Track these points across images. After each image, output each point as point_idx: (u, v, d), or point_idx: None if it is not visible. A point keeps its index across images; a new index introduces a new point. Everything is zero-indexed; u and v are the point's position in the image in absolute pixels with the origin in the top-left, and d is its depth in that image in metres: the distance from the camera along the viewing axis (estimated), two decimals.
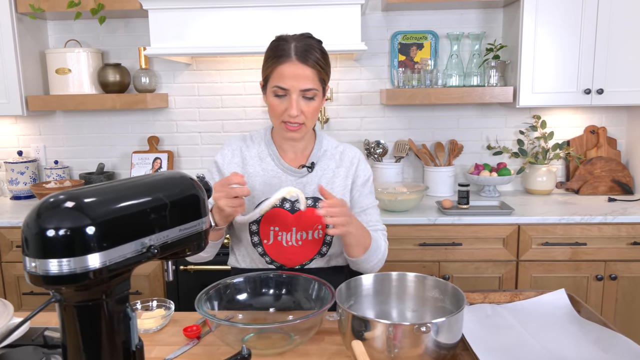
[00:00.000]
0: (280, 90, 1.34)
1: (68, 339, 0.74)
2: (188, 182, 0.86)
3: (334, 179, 1.50)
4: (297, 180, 1.47)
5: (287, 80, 1.32)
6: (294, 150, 1.49)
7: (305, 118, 1.36)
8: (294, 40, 1.36)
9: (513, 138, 2.89)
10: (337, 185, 1.50)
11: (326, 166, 1.50)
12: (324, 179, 1.49)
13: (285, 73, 1.32)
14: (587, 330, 1.14)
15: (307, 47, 1.35)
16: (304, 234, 1.45)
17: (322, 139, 1.54)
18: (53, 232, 0.68)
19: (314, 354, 1.15)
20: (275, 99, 1.36)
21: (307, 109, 1.35)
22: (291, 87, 1.33)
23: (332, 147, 1.54)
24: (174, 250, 0.82)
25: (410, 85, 2.64)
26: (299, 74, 1.32)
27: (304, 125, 1.38)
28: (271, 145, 1.49)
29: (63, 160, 2.99)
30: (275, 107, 1.36)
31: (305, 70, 1.32)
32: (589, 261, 2.36)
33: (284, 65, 1.32)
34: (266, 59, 1.39)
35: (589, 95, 2.51)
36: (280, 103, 1.35)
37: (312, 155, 1.49)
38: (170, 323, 1.32)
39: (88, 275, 0.70)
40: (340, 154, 1.53)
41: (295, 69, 1.32)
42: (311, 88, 1.34)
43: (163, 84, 2.90)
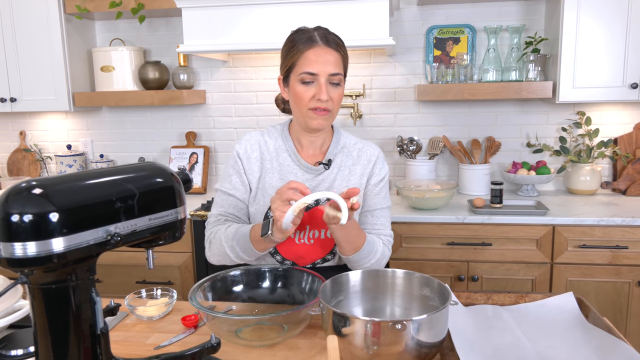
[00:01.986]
0: (308, 76, 1.32)
1: (37, 322, 0.78)
2: (162, 173, 0.87)
3: (350, 177, 1.48)
4: (313, 178, 1.46)
5: (315, 65, 1.32)
6: (312, 146, 1.47)
7: (333, 104, 1.35)
8: (314, 30, 1.37)
9: (555, 135, 2.75)
10: (353, 183, 1.48)
11: (343, 163, 1.48)
12: (340, 176, 1.46)
13: (312, 57, 1.32)
14: (590, 336, 1.07)
15: (329, 33, 1.37)
16: (317, 232, 1.43)
17: (340, 135, 1.51)
18: (17, 217, 0.72)
19: (304, 347, 1.15)
20: (302, 87, 1.34)
21: (334, 95, 1.34)
22: (320, 72, 1.32)
23: (351, 143, 1.51)
24: (145, 238, 0.84)
25: (444, 80, 2.58)
26: (327, 58, 1.32)
27: (331, 112, 1.36)
28: (288, 141, 1.48)
29: (108, 154, 3.14)
30: (303, 94, 1.34)
31: (332, 54, 1.33)
32: (631, 266, 2.22)
33: (310, 50, 1.32)
34: (288, 50, 1.38)
35: (636, 89, 2.36)
36: (307, 90, 1.33)
37: (329, 152, 1.47)
38: (172, 311, 1.35)
39: (51, 258, 0.73)
40: (359, 151, 1.50)
41: (323, 53, 1.32)
42: (338, 73, 1.34)
43: (201, 81, 2.97)
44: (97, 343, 0.80)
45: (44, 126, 3.16)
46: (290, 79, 1.38)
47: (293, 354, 1.13)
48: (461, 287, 2.34)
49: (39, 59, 2.75)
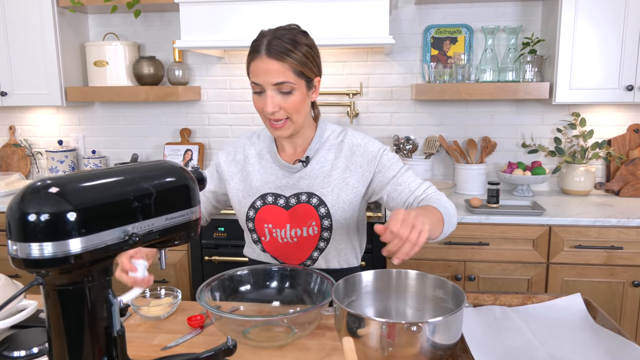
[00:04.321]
0: (257, 87, 1.31)
1: (52, 323, 0.76)
2: (178, 172, 0.86)
3: (332, 172, 1.41)
4: (291, 176, 1.43)
5: (259, 76, 1.29)
6: (293, 145, 1.45)
7: (287, 113, 1.31)
8: (270, 34, 1.31)
9: (550, 136, 2.77)
10: (335, 178, 1.41)
11: (323, 158, 1.43)
12: (321, 172, 1.42)
13: (254, 69, 1.30)
14: (599, 337, 1.08)
15: (279, 40, 1.28)
16: (299, 230, 1.41)
17: (325, 129, 1.46)
18: (34, 217, 0.69)
19: (313, 349, 1.14)
20: (255, 97, 1.33)
21: (285, 104, 1.30)
22: (263, 82, 1.29)
23: (334, 136, 1.46)
24: (161, 238, 0.82)
25: (441, 80, 2.58)
26: (268, 69, 1.27)
27: (290, 120, 1.33)
28: (272, 143, 1.47)
29: (100, 150, 3.09)
30: (256, 104, 1.34)
31: (274, 65, 1.27)
32: (625, 266, 2.24)
33: (255, 61, 1.30)
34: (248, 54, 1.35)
35: (632, 91, 2.38)
36: (259, 100, 1.32)
37: (309, 149, 1.43)
38: (177, 311, 1.34)
39: (69, 259, 0.71)
40: (340, 144, 1.44)
41: (264, 65, 1.27)
42: (284, 81, 1.28)
43: (196, 77, 2.94)
44: (114, 345, 0.78)
45: (35, 121, 3.11)
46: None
47: (303, 355, 1.12)
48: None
49: (31, 53, 2.70)
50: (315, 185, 1.41)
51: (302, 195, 1.41)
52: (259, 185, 1.44)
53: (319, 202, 1.39)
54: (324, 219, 1.39)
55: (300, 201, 1.40)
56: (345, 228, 1.43)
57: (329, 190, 1.40)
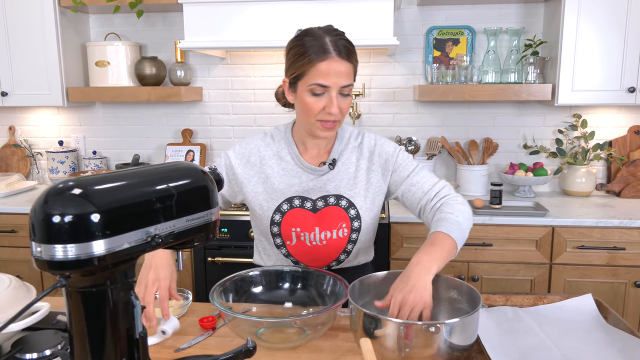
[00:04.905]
0: (320, 88, 1.27)
1: (74, 325, 0.76)
2: (197, 173, 0.86)
3: (357, 174, 1.43)
4: (317, 179, 1.42)
5: (327, 78, 1.25)
6: (317, 147, 1.43)
7: (342, 114, 1.32)
8: (325, 35, 1.29)
9: (551, 137, 2.79)
10: (361, 179, 1.43)
11: (348, 160, 1.44)
12: (347, 174, 1.43)
13: (324, 70, 1.25)
14: (612, 338, 1.09)
15: (342, 41, 1.29)
16: (328, 233, 1.41)
17: (344, 132, 1.47)
18: (58, 218, 0.69)
19: (327, 350, 1.14)
20: (312, 98, 1.29)
21: (343, 106, 1.30)
22: (333, 84, 1.26)
23: (353, 138, 1.47)
24: (181, 240, 0.82)
25: (444, 81, 2.59)
26: (339, 70, 1.26)
27: (338, 122, 1.33)
28: (291, 144, 1.43)
29: (101, 151, 3.08)
30: (313, 106, 1.29)
31: (344, 66, 1.27)
32: (628, 267, 2.26)
33: (322, 62, 1.25)
34: (297, 55, 1.30)
35: (633, 93, 2.40)
36: (317, 101, 1.28)
37: (333, 150, 1.43)
38: (188, 313, 1.33)
39: (92, 261, 0.70)
40: (360, 146, 1.46)
41: (335, 65, 1.25)
42: (349, 84, 1.29)
43: (198, 78, 2.94)
44: (136, 347, 0.78)
45: (35, 121, 3.09)
46: (298, 86, 1.32)
47: (317, 356, 1.12)
48: None
49: (32, 53, 2.69)
50: (342, 188, 1.41)
51: (329, 198, 1.40)
52: (283, 188, 1.41)
53: (349, 204, 1.40)
54: (354, 221, 1.40)
55: (328, 204, 1.40)
56: (372, 228, 1.47)
57: (356, 192, 1.41)
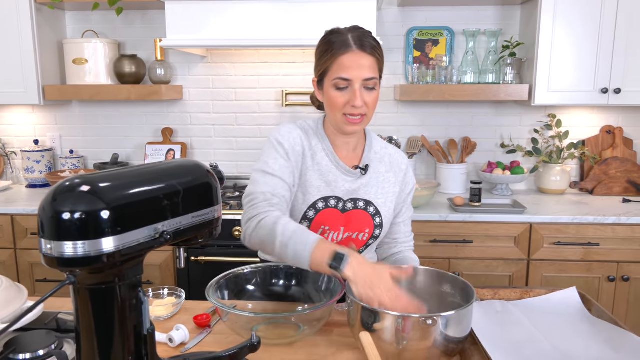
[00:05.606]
0: (343, 82, 1.29)
1: (81, 322, 0.75)
2: (201, 170, 0.86)
3: (385, 184, 1.46)
4: (352, 181, 1.42)
5: (349, 71, 1.28)
6: (346, 148, 1.44)
7: (367, 109, 1.32)
8: (349, 32, 1.32)
9: (527, 137, 2.86)
10: (388, 191, 1.46)
11: (376, 169, 1.46)
12: (375, 182, 1.45)
13: (346, 63, 1.28)
14: (597, 329, 1.13)
15: (364, 35, 1.32)
16: (351, 234, 1.42)
17: (372, 139, 1.49)
18: (68, 215, 0.69)
19: (323, 345, 1.16)
20: (336, 92, 1.31)
21: (369, 100, 1.31)
22: (354, 77, 1.28)
23: (382, 148, 1.49)
24: (187, 237, 0.83)
25: (424, 81, 2.63)
26: (361, 63, 1.28)
27: (366, 116, 1.34)
28: (325, 140, 1.42)
29: (78, 150, 3.02)
30: (337, 100, 1.31)
31: (367, 59, 1.29)
32: (602, 262, 2.34)
33: (344, 55, 1.29)
34: (322, 53, 1.34)
35: (606, 94, 2.48)
36: (342, 95, 1.31)
37: (364, 157, 1.44)
38: (180, 311, 1.33)
39: (102, 258, 0.71)
40: (390, 157, 1.49)
41: (357, 58, 1.28)
42: (372, 77, 1.30)
43: (178, 76, 2.91)
44: (144, 344, 0.78)
45: (9, 120, 3.01)
46: (324, 82, 1.34)
47: (313, 352, 1.13)
48: None
49: (7, 50, 2.62)
50: (371, 194, 1.43)
51: (359, 202, 1.41)
52: (320, 185, 1.39)
53: (376, 212, 1.43)
54: (377, 229, 1.43)
55: (357, 207, 1.41)
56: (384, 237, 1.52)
57: (383, 201, 1.44)
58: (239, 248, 2.40)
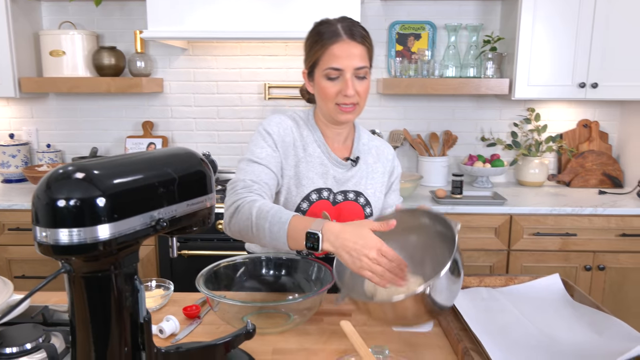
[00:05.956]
0: (334, 72, 1.29)
1: (76, 312, 0.75)
2: (195, 158, 0.86)
3: (374, 175, 1.48)
4: (343, 172, 1.43)
5: (340, 60, 1.28)
6: (338, 139, 1.44)
7: (359, 98, 1.33)
8: (338, 22, 1.32)
9: (507, 130, 2.91)
10: (376, 181, 1.48)
11: (365, 161, 1.47)
12: (365, 173, 1.46)
13: (337, 53, 1.28)
14: (580, 313, 1.16)
15: (353, 25, 1.32)
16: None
17: (361, 130, 1.50)
18: (64, 202, 0.68)
19: (314, 334, 1.17)
20: (328, 82, 1.31)
21: (360, 89, 1.31)
22: (345, 67, 1.28)
23: (369, 139, 1.51)
24: (182, 225, 0.82)
25: (407, 75, 2.65)
26: (352, 53, 1.28)
27: (358, 105, 1.34)
28: (317, 132, 1.42)
29: (56, 144, 2.97)
30: (329, 90, 1.31)
31: (357, 48, 1.29)
32: (579, 252, 2.40)
33: (335, 45, 1.28)
34: (312, 44, 1.34)
35: (584, 89, 2.54)
36: (333, 85, 1.31)
37: (354, 148, 1.45)
38: (169, 303, 1.32)
39: (98, 245, 0.70)
40: (377, 149, 1.50)
41: (347, 48, 1.28)
42: (363, 66, 1.30)
43: (158, 69, 2.88)
44: (140, 332, 0.78)
45: None
46: (315, 73, 1.34)
47: (305, 340, 1.14)
48: None
49: None
50: (361, 185, 1.44)
51: (349, 193, 1.42)
52: (314, 177, 1.39)
53: (366, 203, 1.44)
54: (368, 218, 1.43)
55: (347, 198, 1.42)
56: None
57: (372, 191, 1.46)
58: (222, 241, 2.39)
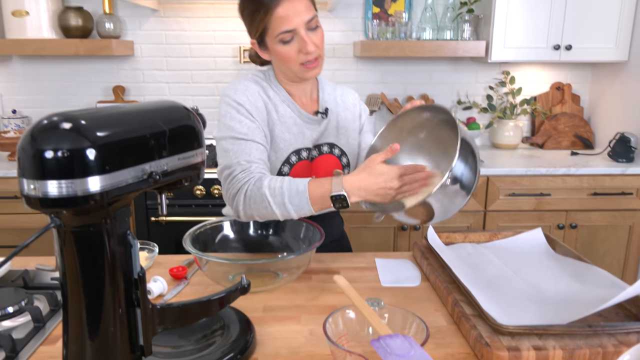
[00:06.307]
0: (287, 35, 1.23)
1: (67, 269, 0.72)
2: (184, 112, 0.83)
3: (344, 123, 1.45)
4: (317, 129, 1.39)
5: (289, 20, 1.22)
6: (304, 95, 1.41)
7: (319, 49, 1.28)
8: None
9: (483, 94, 2.93)
10: (348, 128, 1.45)
11: (334, 111, 1.44)
12: (335, 123, 1.43)
13: (283, 14, 1.22)
14: (563, 264, 1.19)
15: None
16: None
17: (322, 82, 1.46)
18: (52, 153, 0.65)
19: (303, 291, 1.17)
20: (284, 46, 1.25)
21: (317, 40, 1.26)
22: (297, 25, 1.23)
23: (332, 89, 1.48)
24: (173, 179, 0.80)
25: (384, 37, 2.62)
26: (298, 9, 1.22)
27: (320, 57, 1.30)
28: (282, 91, 1.37)
29: (22, 110, 2.85)
30: (289, 54, 1.25)
31: (301, 3, 1.23)
32: (552, 211, 2.46)
33: (278, 7, 1.22)
34: (252, 12, 1.26)
35: (558, 51, 2.56)
36: (291, 47, 1.25)
37: (320, 100, 1.42)
38: (154, 265, 1.30)
39: (89, 198, 0.67)
40: (341, 97, 1.47)
41: (291, 5, 1.22)
42: (312, 16, 1.25)
43: (128, 31, 2.77)
44: (135, 288, 0.76)
45: None
46: (266, 41, 1.28)
47: (295, 297, 1.14)
48: (404, 236, 2.47)
49: None
50: (333, 136, 1.42)
51: (323, 147, 1.41)
52: (290, 138, 1.36)
53: (341, 153, 1.43)
54: (345, 169, 1.43)
55: (321, 152, 1.40)
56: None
57: (345, 140, 1.44)
58: (200, 207, 2.37)
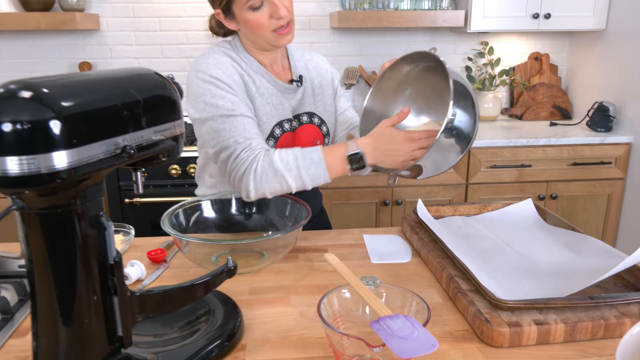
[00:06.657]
0: (257, 1, 1.17)
1: (33, 257, 0.65)
2: (160, 80, 0.75)
3: (319, 90, 1.39)
4: (294, 97, 1.34)
5: None
6: (276, 64, 1.34)
7: (290, 13, 1.23)
8: None
9: (461, 65, 2.89)
10: (325, 95, 1.40)
11: (307, 78, 1.38)
12: (311, 91, 1.38)
13: None
14: (556, 235, 1.17)
15: None
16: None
17: (291, 49, 1.41)
18: (10, 126, 0.57)
19: (290, 271, 1.11)
20: (255, 13, 1.19)
21: (287, 3, 1.21)
22: None
23: (301, 55, 1.42)
24: (149, 154, 0.73)
25: (362, 8, 2.55)
26: None
27: (292, 21, 1.24)
28: (253, 62, 1.29)
29: None
30: (260, 20, 1.19)
31: None
32: (533, 182, 2.45)
33: None
34: None
35: (537, 20, 2.53)
36: (261, 13, 1.19)
37: (293, 68, 1.36)
38: (130, 248, 1.23)
39: (55, 176, 0.60)
40: (312, 62, 1.42)
41: None
42: None
43: (93, 4, 2.63)
44: (111, 274, 0.69)
45: None
46: (233, 10, 1.22)
47: (282, 278, 1.08)
48: (386, 211, 2.43)
49: None
50: (309, 104, 1.37)
51: (302, 117, 1.36)
52: (270, 111, 1.29)
53: (320, 121, 1.39)
54: (325, 137, 1.40)
55: (301, 122, 1.35)
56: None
57: (323, 108, 1.39)
58: (176, 187, 2.29)
